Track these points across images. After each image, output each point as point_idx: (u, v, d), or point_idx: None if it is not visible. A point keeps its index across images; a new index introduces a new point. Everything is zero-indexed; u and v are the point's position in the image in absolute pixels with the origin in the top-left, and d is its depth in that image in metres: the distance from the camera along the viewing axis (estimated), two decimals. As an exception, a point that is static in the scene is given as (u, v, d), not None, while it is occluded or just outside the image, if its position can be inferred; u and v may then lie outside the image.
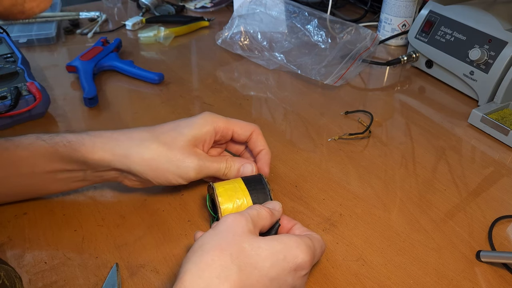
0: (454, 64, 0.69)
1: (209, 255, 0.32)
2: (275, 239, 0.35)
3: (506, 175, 0.54)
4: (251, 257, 0.32)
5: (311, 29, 0.80)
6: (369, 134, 0.60)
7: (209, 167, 0.45)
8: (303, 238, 0.36)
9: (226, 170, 0.46)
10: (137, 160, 0.42)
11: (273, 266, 0.33)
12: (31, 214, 0.46)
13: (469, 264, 0.42)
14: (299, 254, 0.34)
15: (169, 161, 0.43)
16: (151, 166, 0.43)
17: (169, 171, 0.43)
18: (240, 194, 0.42)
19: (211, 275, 0.31)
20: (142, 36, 0.86)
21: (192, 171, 0.43)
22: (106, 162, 0.43)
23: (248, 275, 0.32)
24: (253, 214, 0.37)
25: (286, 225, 0.41)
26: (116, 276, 0.39)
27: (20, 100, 0.59)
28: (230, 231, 0.34)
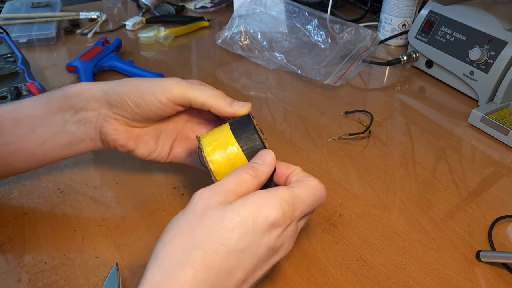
0: (454, 64, 0.69)
1: (171, 244, 0.30)
2: (241, 204, 0.31)
3: (506, 175, 0.54)
4: (215, 233, 0.30)
5: (311, 29, 0.80)
6: (369, 134, 0.60)
7: (190, 85, 0.41)
8: (277, 191, 0.33)
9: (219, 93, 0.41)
10: (114, 83, 0.42)
11: (241, 236, 0.30)
12: (31, 214, 0.46)
13: (469, 264, 0.42)
14: (268, 212, 0.31)
15: (148, 80, 0.42)
16: (127, 84, 0.42)
17: (146, 86, 0.41)
18: (227, 144, 0.37)
19: (172, 264, 0.29)
20: (142, 36, 0.86)
21: (175, 85, 0.40)
22: (83, 92, 0.42)
23: (214, 255, 0.29)
24: (230, 184, 0.33)
25: (284, 173, 0.38)
26: (116, 276, 0.39)
27: (20, 100, 0.59)
28: (195, 212, 0.32)
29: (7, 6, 0.92)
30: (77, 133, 0.43)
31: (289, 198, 0.33)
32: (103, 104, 0.42)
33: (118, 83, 0.42)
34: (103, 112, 0.42)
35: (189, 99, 0.41)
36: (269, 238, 0.31)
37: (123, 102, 0.41)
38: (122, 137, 0.43)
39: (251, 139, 0.37)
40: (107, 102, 0.42)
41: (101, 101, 0.42)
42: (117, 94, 0.41)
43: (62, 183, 0.50)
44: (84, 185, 0.50)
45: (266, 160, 0.36)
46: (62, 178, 0.50)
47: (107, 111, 0.42)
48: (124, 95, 0.41)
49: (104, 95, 0.42)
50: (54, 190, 0.49)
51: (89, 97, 0.42)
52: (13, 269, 0.40)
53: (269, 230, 0.31)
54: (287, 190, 0.33)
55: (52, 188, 0.49)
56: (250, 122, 0.39)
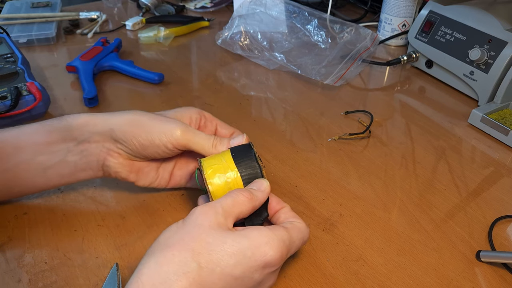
0: (454, 64, 0.69)
1: (170, 250, 0.31)
2: (243, 234, 0.33)
3: (506, 175, 0.54)
4: (214, 253, 0.31)
5: (311, 29, 0.80)
6: (369, 134, 0.60)
7: (195, 133, 0.42)
8: (277, 231, 0.34)
9: (216, 141, 0.42)
10: (119, 120, 0.42)
11: (238, 264, 0.32)
12: (31, 214, 0.46)
13: (469, 264, 0.42)
14: (268, 251, 0.33)
15: (153, 119, 0.42)
16: (133, 123, 0.42)
17: (152, 128, 0.41)
18: (228, 168, 0.39)
19: (168, 271, 0.30)
20: (142, 36, 0.86)
21: (177, 130, 0.41)
22: (88, 125, 0.42)
23: (209, 273, 0.31)
24: (227, 203, 0.35)
25: (274, 207, 0.40)
26: (116, 276, 0.39)
27: (20, 100, 0.59)
28: (196, 224, 0.33)
29: (7, 6, 0.92)
30: (79, 163, 0.44)
31: (287, 241, 0.34)
32: (107, 139, 0.42)
33: (124, 121, 0.42)
34: (107, 145, 0.43)
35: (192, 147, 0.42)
36: (260, 274, 0.33)
37: (129, 142, 0.42)
38: (124, 170, 0.44)
39: (250, 166, 0.39)
40: (111, 138, 0.42)
41: (105, 136, 0.42)
42: (124, 133, 0.42)
43: (62, 183, 0.50)
44: (84, 185, 0.50)
45: (261, 188, 0.38)
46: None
47: (111, 145, 0.43)
48: (130, 136, 0.42)
49: (109, 131, 0.42)
50: (54, 190, 0.49)
51: (93, 131, 0.42)
52: (13, 269, 0.40)
53: (264, 267, 0.33)
54: (285, 232, 0.35)
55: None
56: (251, 151, 0.40)
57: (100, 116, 0.43)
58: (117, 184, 0.50)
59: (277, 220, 0.39)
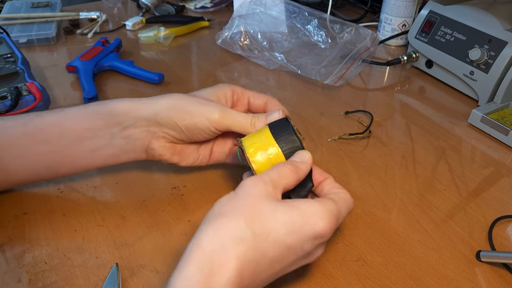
0: (454, 64, 0.69)
1: (225, 217, 0.32)
2: (293, 205, 0.34)
3: (506, 175, 0.54)
4: (266, 221, 0.32)
5: (311, 29, 0.80)
6: (369, 134, 0.60)
7: (234, 114, 0.43)
8: (326, 203, 0.35)
9: (253, 118, 0.43)
10: (162, 104, 0.43)
11: (290, 233, 0.32)
12: (31, 214, 0.46)
13: (469, 264, 0.42)
14: (318, 222, 0.33)
15: (194, 102, 0.43)
16: (176, 107, 0.43)
17: (195, 111, 0.42)
18: (268, 145, 0.40)
19: (225, 237, 0.31)
20: (142, 36, 0.86)
21: (216, 111, 0.42)
22: (133, 111, 0.43)
23: (263, 240, 0.32)
24: (273, 175, 0.36)
25: (317, 179, 0.40)
26: (116, 276, 0.39)
27: (20, 100, 0.59)
28: (247, 194, 0.34)
29: (7, 6, 0.92)
30: (124, 147, 0.45)
31: (336, 211, 0.35)
32: (152, 123, 0.43)
33: (167, 105, 0.43)
34: (152, 129, 0.44)
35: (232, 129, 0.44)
36: (311, 244, 0.34)
37: (174, 125, 0.43)
38: (168, 152, 0.45)
39: (289, 140, 0.40)
40: (156, 122, 0.43)
41: (150, 120, 0.43)
42: (168, 117, 0.43)
43: (62, 183, 0.50)
44: (84, 185, 0.50)
45: (304, 159, 0.38)
46: (62, 178, 0.50)
47: (156, 129, 0.44)
48: (175, 119, 0.42)
49: (154, 116, 0.43)
50: (54, 190, 0.49)
51: (138, 116, 0.43)
52: (13, 269, 0.40)
53: (315, 238, 0.34)
54: (333, 204, 0.36)
55: (52, 188, 0.49)
56: (289, 125, 0.41)
57: (143, 101, 0.44)
58: (117, 184, 0.50)
59: (321, 191, 0.40)
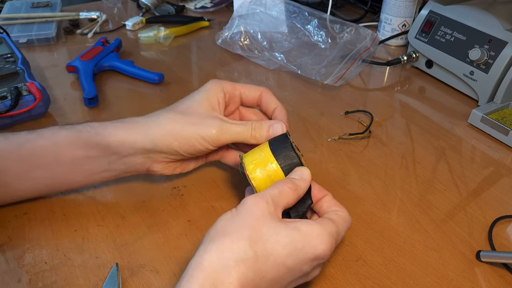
0: (454, 64, 0.69)
1: (229, 238, 0.32)
2: (294, 227, 0.34)
3: (506, 175, 0.54)
4: (268, 243, 0.32)
5: (311, 29, 0.80)
6: (369, 134, 0.60)
7: (232, 127, 0.43)
8: (326, 226, 0.35)
9: (254, 131, 0.43)
10: (159, 132, 0.42)
11: (290, 255, 0.33)
12: (31, 214, 0.46)
13: (469, 264, 0.42)
14: (318, 245, 0.34)
15: (189, 124, 0.42)
16: (173, 134, 0.42)
17: (191, 134, 0.42)
18: (267, 161, 0.40)
19: (228, 257, 0.31)
20: (142, 36, 0.86)
21: (213, 129, 0.42)
22: (129, 143, 0.42)
23: (264, 261, 0.32)
24: (274, 194, 0.36)
25: (316, 195, 0.40)
26: (116, 276, 0.39)
27: (20, 100, 0.59)
28: (250, 214, 0.34)
29: (7, 6, 0.92)
30: (124, 170, 0.45)
31: (335, 233, 0.36)
32: (151, 151, 0.43)
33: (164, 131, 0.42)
34: (152, 156, 0.43)
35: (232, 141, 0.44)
36: (310, 266, 0.34)
37: (173, 151, 0.43)
38: (169, 170, 0.46)
39: (288, 156, 0.40)
40: (155, 150, 0.43)
41: (149, 149, 0.43)
42: (167, 145, 0.42)
43: (62, 183, 0.50)
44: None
45: (303, 176, 0.39)
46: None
47: (155, 156, 0.43)
48: (174, 146, 0.42)
49: (152, 145, 0.42)
50: (54, 190, 0.49)
51: (135, 147, 0.42)
52: (13, 269, 0.40)
53: (313, 259, 0.34)
54: (333, 225, 0.36)
55: (52, 188, 0.49)
56: (287, 141, 0.41)
57: (138, 130, 0.43)
58: (117, 184, 0.50)
59: (320, 208, 0.40)
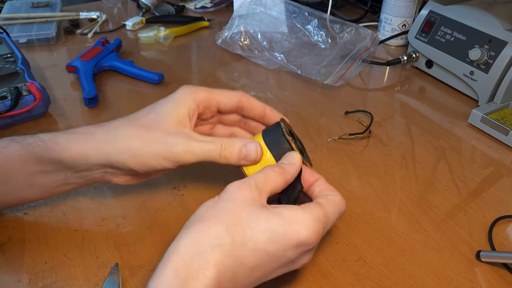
0: (454, 64, 0.69)
1: (205, 224, 0.32)
2: (276, 212, 0.33)
3: (506, 175, 0.54)
4: (247, 228, 0.32)
5: (311, 29, 0.80)
6: (369, 134, 0.60)
7: (198, 146, 0.39)
8: (311, 210, 0.34)
9: (223, 151, 0.39)
10: (114, 150, 0.39)
11: (270, 241, 0.32)
12: (31, 214, 0.46)
13: (469, 264, 0.42)
14: (301, 230, 0.32)
15: (149, 142, 0.38)
16: (129, 153, 0.38)
17: (150, 154, 0.38)
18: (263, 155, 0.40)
19: (204, 243, 0.31)
20: (142, 36, 0.86)
21: (179, 150, 0.38)
22: (82, 159, 0.39)
23: (242, 247, 0.31)
24: (259, 179, 0.35)
25: (308, 180, 0.39)
26: (116, 276, 0.39)
27: (20, 100, 0.59)
28: (230, 199, 0.33)
29: (7, 6, 0.92)
30: (83, 183, 0.42)
31: (322, 218, 0.34)
32: (107, 166, 0.40)
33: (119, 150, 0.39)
34: (109, 171, 0.41)
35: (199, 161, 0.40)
36: (294, 252, 0.33)
37: (129, 169, 0.39)
38: (133, 181, 0.43)
39: (278, 142, 0.40)
40: (111, 166, 0.40)
41: (104, 165, 0.40)
42: (122, 163, 0.39)
43: (62, 183, 0.50)
44: (84, 185, 0.50)
45: (292, 161, 0.38)
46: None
47: (113, 171, 0.41)
48: (130, 164, 0.39)
49: (107, 161, 0.39)
50: (54, 190, 0.49)
51: (90, 163, 0.39)
52: (13, 269, 0.40)
53: (297, 246, 0.33)
54: (320, 209, 0.35)
55: (52, 188, 0.49)
56: (278, 128, 0.41)
57: (91, 145, 0.39)
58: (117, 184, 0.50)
59: (312, 193, 0.39)
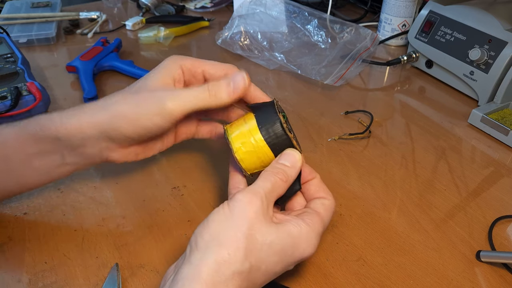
0: (454, 64, 0.69)
1: (225, 249, 0.32)
2: (285, 231, 0.34)
3: (506, 175, 0.54)
4: (262, 252, 0.33)
5: (311, 29, 0.80)
6: (369, 134, 0.60)
7: (185, 93, 0.39)
8: (315, 225, 0.35)
9: (211, 90, 0.39)
10: (105, 116, 0.39)
11: (280, 262, 0.34)
12: (31, 214, 0.46)
13: (469, 264, 0.42)
14: (306, 248, 0.34)
15: (138, 102, 0.39)
16: (120, 117, 0.38)
17: (142, 113, 0.38)
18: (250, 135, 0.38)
19: (226, 270, 0.31)
20: (142, 36, 0.86)
21: (167, 101, 0.38)
22: (77, 132, 0.39)
23: (257, 270, 0.32)
24: (267, 190, 0.35)
25: (306, 177, 0.40)
26: (116, 276, 0.39)
27: (20, 100, 0.59)
28: (244, 217, 0.33)
29: (7, 6, 0.92)
30: (81, 163, 0.42)
31: (322, 230, 0.36)
32: (102, 139, 0.39)
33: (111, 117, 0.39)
34: (104, 145, 0.40)
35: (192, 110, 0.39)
36: (295, 264, 0.36)
37: (125, 137, 0.39)
38: (130, 156, 0.43)
39: (275, 131, 0.38)
40: (106, 138, 0.39)
41: (99, 138, 0.39)
42: (116, 131, 0.39)
43: (62, 183, 0.50)
44: (84, 185, 0.50)
45: (294, 163, 0.38)
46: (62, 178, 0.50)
47: (108, 144, 0.40)
48: (124, 131, 0.39)
49: (101, 133, 0.39)
50: (54, 190, 0.49)
51: (84, 137, 0.39)
52: (13, 269, 0.40)
53: (299, 260, 0.35)
54: (321, 222, 0.36)
55: (52, 188, 0.49)
56: (274, 112, 0.39)
57: (83, 117, 0.39)
58: (117, 184, 0.50)
59: (307, 190, 0.40)
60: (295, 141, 0.39)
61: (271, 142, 0.38)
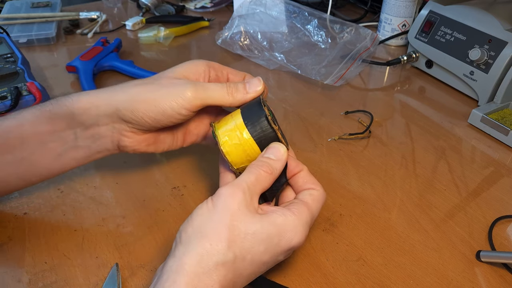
0: (454, 64, 0.69)
1: (207, 242, 0.32)
2: (270, 221, 0.34)
3: (506, 175, 0.54)
4: (246, 241, 0.33)
5: (311, 29, 0.80)
6: (369, 134, 0.60)
7: (207, 87, 0.40)
8: (301, 214, 0.35)
9: (229, 88, 0.41)
10: (123, 97, 0.39)
11: (266, 251, 0.33)
12: (31, 214, 0.46)
13: (469, 264, 0.42)
14: (293, 237, 0.34)
15: (157, 86, 0.39)
16: (139, 98, 0.39)
17: (160, 97, 0.39)
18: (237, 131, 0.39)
19: (208, 261, 0.31)
20: (142, 36, 0.86)
21: (187, 90, 0.39)
22: (92, 109, 0.39)
23: (242, 260, 0.32)
24: (251, 182, 0.35)
25: (292, 170, 0.39)
26: (116, 276, 0.39)
27: (20, 100, 0.59)
28: (226, 209, 0.33)
29: (7, 6, 0.92)
30: (93, 147, 0.42)
31: (310, 220, 0.36)
32: (115, 120, 0.40)
33: (129, 97, 0.40)
34: (117, 126, 0.41)
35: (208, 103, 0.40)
36: (284, 255, 0.35)
37: (140, 120, 0.40)
38: (141, 146, 0.43)
39: (260, 125, 0.38)
40: (120, 118, 0.40)
41: (113, 117, 0.40)
42: (132, 112, 0.39)
43: (62, 183, 0.50)
44: (84, 185, 0.50)
45: (279, 156, 0.38)
46: (62, 178, 0.50)
47: (121, 126, 0.41)
48: (140, 113, 0.39)
49: (115, 112, 0.40)
50: (54, 190, 0.49)
51: (99, 114, 0.40)
52: (13, 269, 0.40)
53: (288, 250, 0.35)
54: (308, 212, 0.36)
55: (52, 188, 0.49)
56: (261, 108, 0.39)
57: (102, 95, 0.40)
58: (117, 184, 0.50)
59: (295, 183, 0.40)
60: (281, 135, 0.40)
61: (256, 136, 0.38)
